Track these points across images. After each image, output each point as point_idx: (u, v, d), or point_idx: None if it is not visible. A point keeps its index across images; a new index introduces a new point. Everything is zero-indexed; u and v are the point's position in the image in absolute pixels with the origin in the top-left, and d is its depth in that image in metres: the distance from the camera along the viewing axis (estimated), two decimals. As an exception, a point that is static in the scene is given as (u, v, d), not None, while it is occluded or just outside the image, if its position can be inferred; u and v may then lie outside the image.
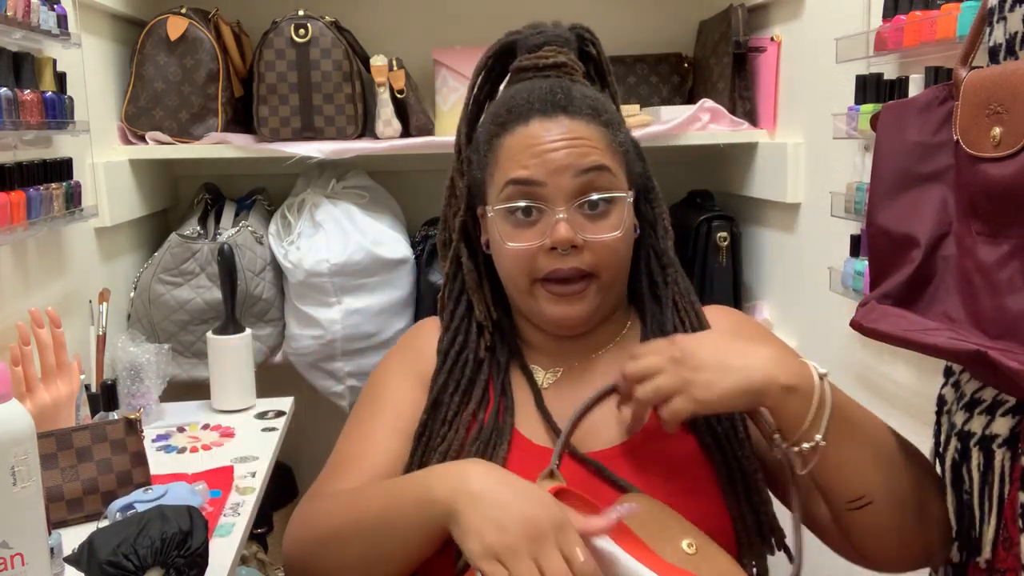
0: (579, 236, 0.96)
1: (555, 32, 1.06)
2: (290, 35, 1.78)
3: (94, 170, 1.61)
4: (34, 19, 1.27)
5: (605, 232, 0.98)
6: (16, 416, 0.79)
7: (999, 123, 0.79)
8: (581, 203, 0.97)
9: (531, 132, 0.98)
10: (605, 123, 1.00)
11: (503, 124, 1.01)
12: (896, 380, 1.34)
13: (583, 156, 0.97)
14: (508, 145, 1.00)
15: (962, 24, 1.05)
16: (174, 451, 1.39)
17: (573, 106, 0.99)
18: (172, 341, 1.73)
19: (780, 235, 1.80)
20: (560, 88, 1.00)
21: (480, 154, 1.04)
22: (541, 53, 1.04)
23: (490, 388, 1.04)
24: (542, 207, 0.97)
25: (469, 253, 1.09)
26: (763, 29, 1.84)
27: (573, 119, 0.98)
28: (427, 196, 2.10)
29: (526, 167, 0.97)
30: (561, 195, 0.97)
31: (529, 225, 0.98)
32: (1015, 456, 0.82)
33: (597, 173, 0.97)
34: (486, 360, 1.05)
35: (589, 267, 0.98)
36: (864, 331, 0.89)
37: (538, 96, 1.00)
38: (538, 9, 2.06)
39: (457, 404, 1.02)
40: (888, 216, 0.92)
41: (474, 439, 1.00)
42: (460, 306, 1.09)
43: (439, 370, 1.05)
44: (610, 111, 1.03)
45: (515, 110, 1.00)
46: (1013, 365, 0.73)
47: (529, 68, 1.04)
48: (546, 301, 1.00)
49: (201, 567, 0.91)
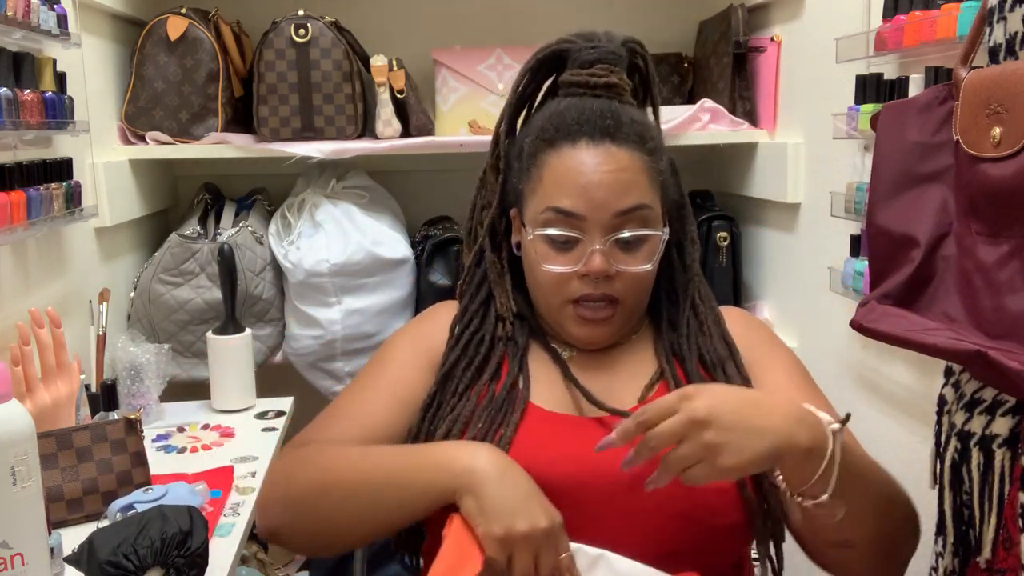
0: (613, 267, 1.00)
1: (608, 48, 1.07)
2: (290, 35, 1.78)
3: (94, 170, 1.61)
4: (34, 19, 1.27)
5: (637, 265, 1.02)
6: (16, 416, 0.79)
7: (999, 123, 0.79)
8: (617, 238, 1.00)
9: (577, 158, 1.00)
10: (650, 151, 1.03)
11: (550, 141, 1.03)
12: (896, 380, 1.34)
13: (624, 194, 0.99)
14: (552, 166, 1.02)
15: (962, 24, 1.05)
16: (174, 451, 1.39)
17: (621, 133, 1.01)
18: (172, 341, 1.73)
19: (780, 235, 1.80)
20: (610, 112, 1.02)
21: (522, 163, 1.06)
22: (594, 71, 1.05)
23: (504, 365, 1.07)
24: (580, 238, 1.00)
25: (493, 247, 1.11)
26: (763, 29, 1.84)
27: (620, 147, 1.01)
28: (427, 196, 2.10)
29: (568, 197, 1.00)
30: (600, 229, 1.00)
31: (566, 250, 1.02)
32: (1015, 456, 0.82)
33: (636, 211, 1.00)
34: (502, 340, 1.08)
35: (617, 294, 1.02)
36: (864, 331, 0.89)
37: (587, 118, 1.01)
38: (537, 10, 2.07)
39: (469, 378, 1.06)
40: (888, 216, 0.92)
41: (484, 407, 1.02)
42: (480, 294, 1.12)
43: (451, 347, 1.09)
44: (655, 137, 1.05)
45: (563, 129, 1.02)
46: (1013, 365, 0.73)
47: (581, 85, 1.05)
48: (573, 322, 1.05)
49: (201, 567, 0.91)
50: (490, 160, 1.12)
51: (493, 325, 1.09)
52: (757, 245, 1.93)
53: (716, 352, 1.06)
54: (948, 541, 0.91)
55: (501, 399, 1.03)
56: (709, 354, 1.05)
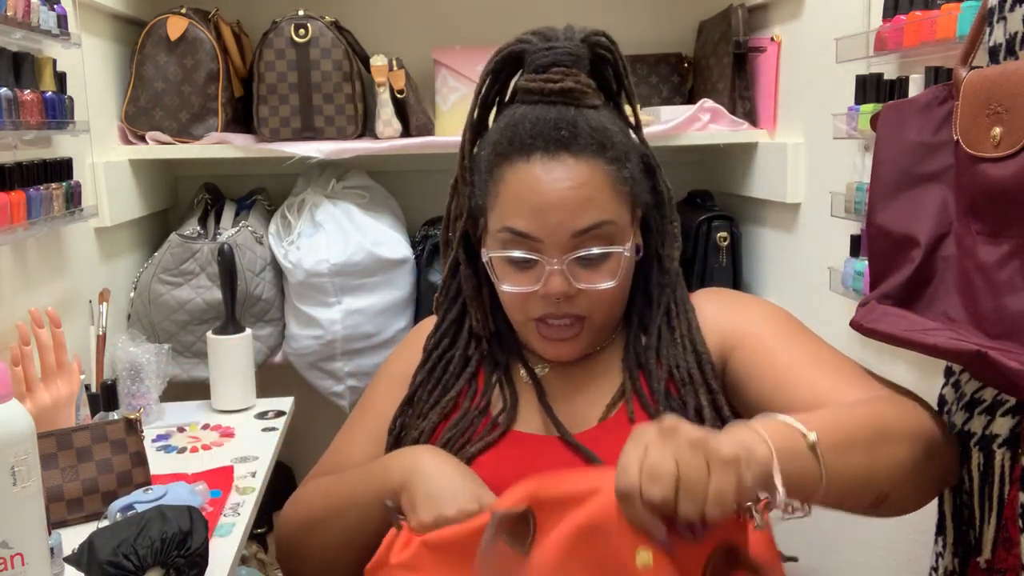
0: (573, 286, 0.97)
1: (565, 48, 1.00)
2: (290, 35, 1.78)
3: (94, 170, 1.61)
4: (34, 19, 1.27)
5: (600, 281, 0.97)
6: (16, 416, 0.79)
7: (999, 123, 0.79)
8: (577, 257, 0.96)
9: (531, 174, 0.95)
10: (611, 159, 0.97)
11: (504, 155, 0.98)
12: (896, 380, 1.34)
13: (582, 212, 0.95)
14: (508, 182, 0.97)
15: (962, 24, 1.05)
16: (174, 451, 1.39)
17: (577, 144, 0.95)
18: (172, 341, 1.73)
19: (780, 235, 1.80)
20: (565, 122, 0.96)
21: (481, 177, 1.02)
22: (548, 76, 0.99)
23: (479, 382, 1.07)
24: (536, 258, 0.97)
25: (468, 260, 1.07)
26: (763, 29, 1.84)
27: (577, 159, 0.95)
28: (427, 196, 2.10)
29: (523, 218, 0.96)
30: (557, 249, 0.96)
31: (524, 270, 0.98)
32: (1015, 456, 0.82)
33: (596, 229, 0.96)
34: (475, 358, 1.08)
35: (582, 311, 0.99)
36: (864, 331, 0.89)
37: (541, 130, 0.96)
38: (537, 9, 2.07)
39: (435, 399, 1.06)
40: (888, 216, 0.92)
41: (451, 426, 1.04)
42: (454, 309, 1.09)
43: (420, 367, 1.09)
44: (616, 143, 0.98)
45: (517, 142, 0.97)
46: (1013, 365, 0.73)
47: (535, 92, 0.99)
48: (538, 340, 1.02)
49: (201, 567, 0.91)
50: (458, 170, 1.07)
51: (466, 343, 1.08)
52: (757, 245, 1.93)
53: (687, 367, 1.00)
54: (948, 541, 0.91)
55: (471, 417, 1.03)
56: (679, 370, 1.00)
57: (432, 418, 1.05)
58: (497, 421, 1.04)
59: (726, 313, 1.05)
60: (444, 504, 0.90)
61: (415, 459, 0.96)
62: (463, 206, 1.06)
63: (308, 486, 1.10)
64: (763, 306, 1.08)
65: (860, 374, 0.95)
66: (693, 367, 1.00)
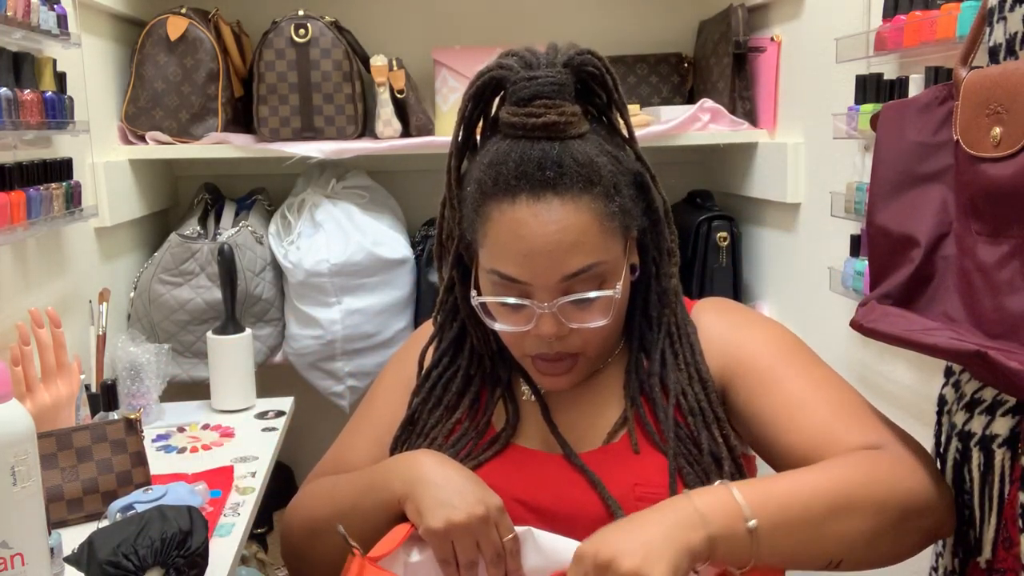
0: (565, 327, 0.95)
1: (548, 78, 0.94)
2: (290, 35, 1.78)
3: (94, 170, 1.61)
4: (34, 19, 1.27)
5: (592, 320, 0.96)
6: (16, 416, 0.79)
7: (999, 123, 0.79)
8: (566, 301, 0.95)
9: (517, 218, 0.93)
10: (599, 194, 0.94)
11: (489, 195, 0.95)
12: (896, 380, 1.34)
13: (570, 256, 0.93)
14: (495, 222, 0.95)
15: (962, 24, 1.05)
16: (174, 451, 1.39)
17: (563, 183, 0.92)
18: (172, 341, 1.73)
19: (780, 235, 1.80)
20: (550, 160, 0.92)
21: (469, 212, 0.99)
22: (530, 110, 0.94)
23: (482, 398, 1.06)
24: (526, 303, 0.95)
25: (463, 280, 1.05)
26: (763, 29, 1.84)
27: (563, 199, 0.92)
28: (427, 196, 2.09)
29: (511, 263, 0.94)
30: (547, 293, 0.94)
31: (515, 310, 0.97)
32: (1015, 456, 0.82)
33: (585, 272, 0.94)
34: (476, 376, 1.07)
35: (575, 348, 0.98)
36: (864, 331, 0.89)
37: (525, 171, 0.93)
38: (537, 9, 2.07)
39: (437, 418, 1.05)
40: (888, 216, 0.92)
41: (452, 443, 1.03)
42: (453, 327, 1.08)
43: (419, 386, 1.08)
44: (605, 175, 0.94)
45: (501, 182, 0.94)
46: (1013, 365, 0.73)
47: (517, 127, 0.94)
48: (535, 373, 1.02)
49: (201, 567, 0.91)
50: (446, 191, 1.03)
51: (468, 361, 1.07)
52: (757, 245, 1.93)
53: (695, 397, 1.00)
54: (948, 542, 0.91)
55: (472, 433, 1.03)
56: (686, 399, 1.00)
57: (433, 436, 1.04)
58: (499, 436, 1.03)
59: (728, 334, 1.04)
60: (452, 510, 0.90)
61: (416, 465, 0.96)
62: (453, 226, 1.03)
63: (310, 488, 1.09)
64: (766, 328, 1.05)
65: (861, 413, 0.94)
66: (701, 397, 1.00)
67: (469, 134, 1.02)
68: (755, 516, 0.80)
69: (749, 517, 0.80)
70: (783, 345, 1.02)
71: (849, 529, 0.83)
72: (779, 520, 0.81)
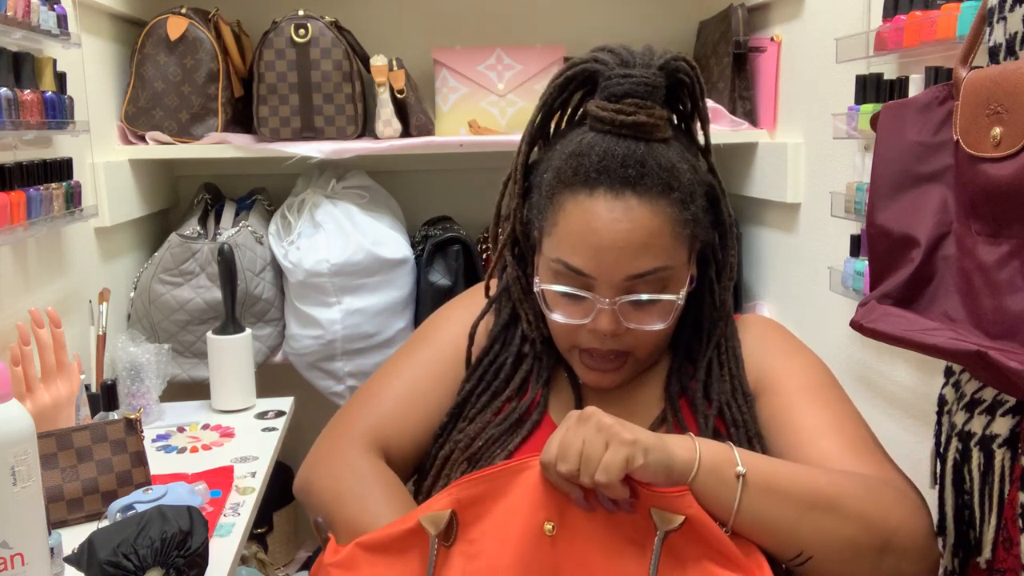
0: (623, 325, 0.96)
1: (641, 78, 0.94)
2: (290, 35, 1.78)
3: (94, 170, 1.61)
4: (34, 19, 1.27)
5: (650, 324, 0.97)
6: (16, 416, 0.79)
7: (999, 123, 0.79)
8: (628, 300, 0.96)
9: (592, 211, 0.93)
10: (676, 200, 0.95)
11: (567, 184, 0.95)
12: (896, 380, 1.34)
13: (639, 256, 0.93)
14: (568, 211, 0.95)
15: (962, 24, 1.05)
16: (174, 451, 1.39)
17: (643, 184, 0.93)
18: (172, 341, 1.73)
19: (780, 235, 1.80)
20: (633, 159, 0.93)
21: (541, 198, 1.00)
22: (621, 107, 0.94)
23: (529, 382, 1.06)
24: (587, 296, 0.96)
25: (518, 263, 1.06)
26: (763, 29, 1.84)
27: (641, 200, 0.93)
28: (427, 196, 2.10)
29: (579, 255, 0.94)
30: (610, 289, 0.95)
31: (575, 302, 0.97)
32: (1015, 456, 0.82)
33: (651, 274, 0.95)
34: (525, 361, 1.07)
35: (628, 348, 0.99)
36: (864, 331, 0.89)
37: (608, 165, 0.93)
38: (538, 9, 2.07)
39: (483, 403, 1.05)
40: (888, 216, 0.92)
41: (497, 424, 1.03)
42: (506, 310, 1.09)
43: (468, 376, 1.07)
44: (684, 182, 0.96)
45: (582, 173, 0.94)
46: (1013, 365, 0.73)
47: (606, 122, 0.95)
48: (581, 367, 1.02)
49: (201, 567, 0.91)
50: (514, 173, 1.03)
51: (519, 347, 1.07)
52: (757, 245, 1.93)
53: (738, 408, 1.01)
54: (948, 542, 0.91)
55: (519, 413, 1.03)
56: (730, 410, 1.00)
57: (478, 422, 1.04)
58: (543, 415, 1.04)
59: (768, 353, 1.05)
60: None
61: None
62: (511, 208, 1.04)
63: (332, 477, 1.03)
64: (803, 358, 1.06)
65: (879, 454, 0.95)
66: (744, 410, 1.00)
67: (546, 121, 1.03)
68: (747, 470, 0.84)
69: (740, 463, 0.84)
70: (816, 377, 1.03)
71: (829, 528, 0.84)
72: (766, 485, 0.84)
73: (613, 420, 0.83)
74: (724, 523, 0.84)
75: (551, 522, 0.85)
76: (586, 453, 0.82)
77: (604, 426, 0.83)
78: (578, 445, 0.82)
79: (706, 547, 0.83)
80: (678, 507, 0.83)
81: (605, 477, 0.81)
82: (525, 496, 0.86)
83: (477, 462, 1.01)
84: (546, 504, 0.86)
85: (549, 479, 0.85)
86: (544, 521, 0.85)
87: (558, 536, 0.85)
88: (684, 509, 0.83)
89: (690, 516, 0.83)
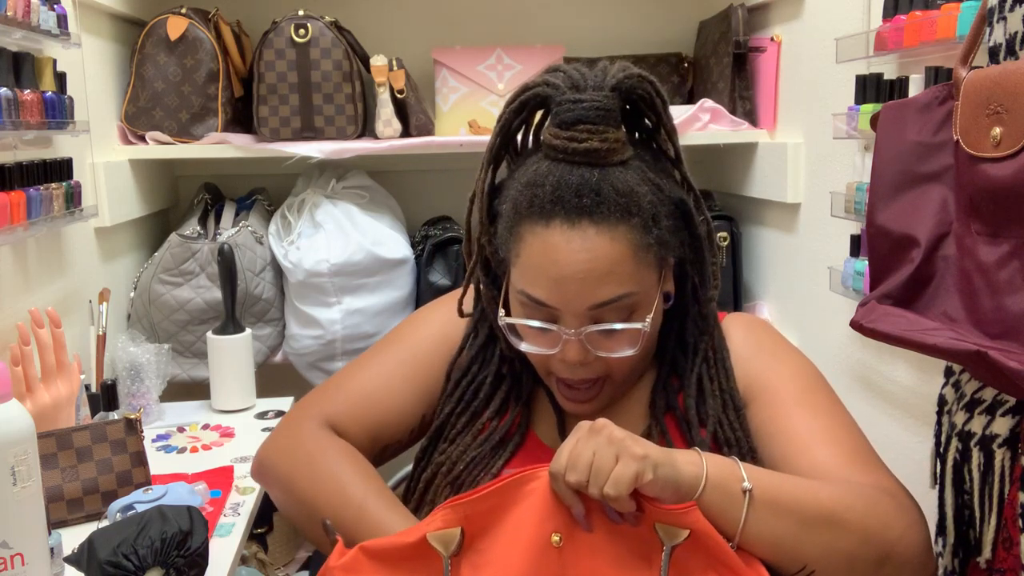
0: (591, 354, 0.95)
1: (593, 101, 0.91)
2: (290, 35, 1.78)
3: (94, 170, 1.61)
4: (34, 19, 1.27)
5: (619, 351, 0.95)
6: (16, 416, 0.79)
7: (999, 123, 0.79)
8: (594, 330, 0.94)
9: (550, 242, 0.91)
10: (636, 225, 0.92)
11: (524, 215, 0.94)
12: (896, 380, 1.34)
13: (601, 285, 0.92)
14: (528, 243, 0.94)
15: (962, 24, 1.05)
16: (174, 451, 1.39)
17: (600, 211, 0.90)
18: (172, 341, 1.73)
19: (780, 235, 1.80)
20: (589, 187, 0.91)
21: (503, 227, 0.98)
22: (573, 134, 0.92)
23: (509, 402, 1.05)
24: (553, 328, 0.95)
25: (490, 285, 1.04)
26: (763, 29, 1.84)
27: (599, 227, 0.91)
28: (427, 196, 2.10)
29: (541, 287, 0.93)
30: (575, 319, 0.94)
31: (542, 333, 0.96)
32: (1015, 456, 0.82)
33: (615, 302, 0.93)
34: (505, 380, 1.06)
35: (602, 373, 0.98)
36: (864, 331, 0.89)
37: (563, 195, 0.91)
38: (538, 9, 2.07)
39: (463, 423, 1.04)
40: (888, 216, 0.92)
41: (480, 444, 1.02)
42: (481, 334, 1.07)
43: (448, 395, 1.07)
44: (644, 204, 0.93)
45: (537, 204, 0.92)
46: (1013, 365, 0.73)
47: (559, 150, 0.93)
48: (559, 395, 1.01)
49: (201, 567, 0.91)
50: (477, 199, 1.01)
51: (497, 367, 1.06)
52: (757, 245, 1.93)
53: (730, 425, 1.00)
54: (948, 541, 0.91)
55: (501, 434, 1.02)
56: (723, 428, 0.99)
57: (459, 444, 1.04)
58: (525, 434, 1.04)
59: (756, 356, 1.04)
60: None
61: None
62: (477, 235, 1.03)
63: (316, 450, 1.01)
64: (793, 361, 1.04)
65: (873, 460, 0.95)
66: (736, 427, 1.00)
67: (505, 145, 1.01)
68: (752, 485, 0.84)
69: (746, 480, 0.84)
70: (808, 380, 1.02)
71: (832, 543, 0.84)
72: (771, 500, 0.84)
73: (624, 434, 0.83)
74: (730, 538, 0.83)
75: (558, 533, 0.85)
76: (596, 465, 0.81)
77: (615, 439, 0.82)
78: (588, 456, 0.82)
79: (711, 559, 0.83)
80: (684, 523, 0.83)
81: (614, 490, 0.80)
82: (533, 507, 0.86)
83: (460, 487, 1.00)
84: (554, 515, 0.85)
85: (555, 489, 0.85)
86: (552, 532, 0.85)
87: (565, 547, 0.85)
88: (690, 524, 0.82)
89: (695, 530, 0.82)
